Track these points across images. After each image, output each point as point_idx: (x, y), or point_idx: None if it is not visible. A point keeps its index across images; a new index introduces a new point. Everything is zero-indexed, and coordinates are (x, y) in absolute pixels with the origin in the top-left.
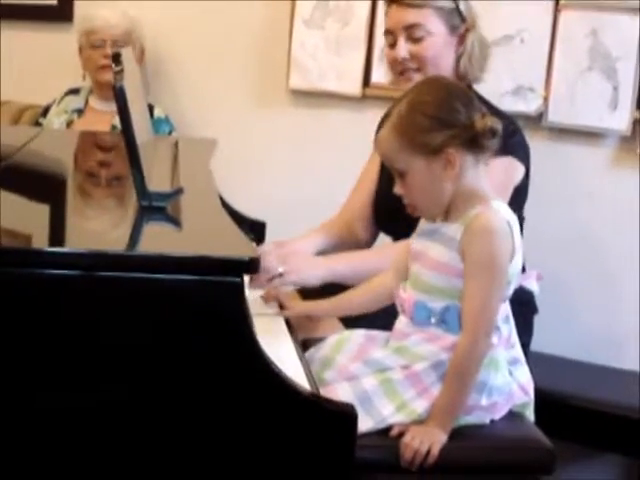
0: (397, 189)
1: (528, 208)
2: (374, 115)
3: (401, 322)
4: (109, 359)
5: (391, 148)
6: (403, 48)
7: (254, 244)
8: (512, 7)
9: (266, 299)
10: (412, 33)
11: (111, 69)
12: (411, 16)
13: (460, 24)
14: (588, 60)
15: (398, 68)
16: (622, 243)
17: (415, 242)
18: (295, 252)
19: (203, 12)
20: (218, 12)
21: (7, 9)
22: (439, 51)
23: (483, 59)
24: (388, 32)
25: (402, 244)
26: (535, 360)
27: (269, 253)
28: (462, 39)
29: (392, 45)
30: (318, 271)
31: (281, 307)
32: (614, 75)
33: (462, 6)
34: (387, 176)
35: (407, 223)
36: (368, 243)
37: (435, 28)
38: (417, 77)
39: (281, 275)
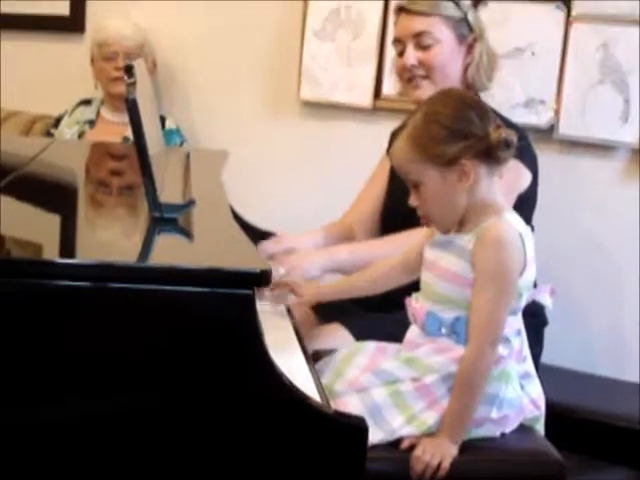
0: (412, 200)
1: (538, 220)
2: (385, 127)
3: (413, 332)
4: (120, 371)
5: (406, 159)
6: (412, 55)
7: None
8: (523, 20)
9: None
10: (421, 40)
11: (123, 81)
12: (420, 24)
13: (468, 34)
14: (599, 73)
15: (406, 75)
16: (633, 256)
17: (428, 251)
18: (292, 250)
19: (214, 24)
20: (229, 24)
21: (19, 20)
22: (447, 59)
23: (491, 69)
24: (397, 40)
25: (407, 235)
26: (545, 372)
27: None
28: (470, 49)
29: (401, 53)
30: (318, 261)
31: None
32: (625, 88)
33: (470, 16)
34: (397, 187)
35: None
36: None
37: (443, 36)
38: (425, 84)
39: (282, 277)
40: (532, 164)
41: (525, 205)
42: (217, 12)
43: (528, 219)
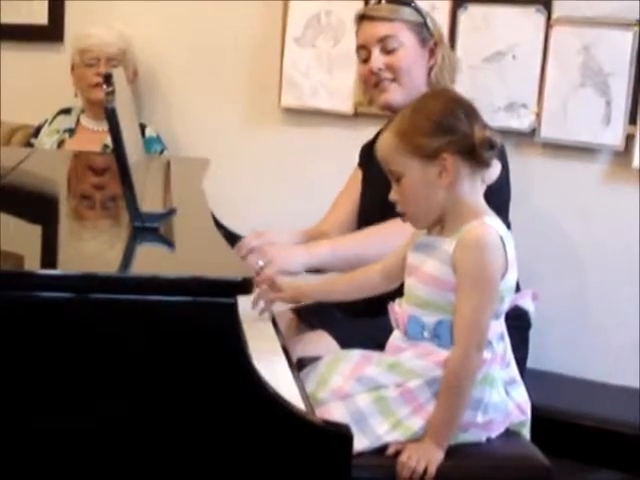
0: (392, 195)
1: (520, 224)
2: (366, 133)
3: (395, 337)
4: (102, 381)
5: (390, 149)
6: (378, 59)
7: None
8: (504, 24)
9: (254, 302)
10: (386, 45)
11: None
12: (383, 29)
13: (429, 38)
14: (580, 76)
15: (373, 80)
16: (616, 258)
17: (410, 256)
18: (272, 243)
19: (194, 31)
20: (209, 31)
21: None
22: (412, 61)
23: (453, 71)
24: (361, 47)
25: (384, 227)
26: (531, 377)
27: (247, 250)
28: (432, 52)
29: (366, 60)
30: (298, 257)
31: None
32: (607, 90)
33: (429, 21)
34: (370, 194)
35: None
36: None
37: (407, 40)
38: (393, 87)
39: (262, 269)
40: (500, 153)
41: (497, 195)
42: (197, 20)
43: (503, 211)
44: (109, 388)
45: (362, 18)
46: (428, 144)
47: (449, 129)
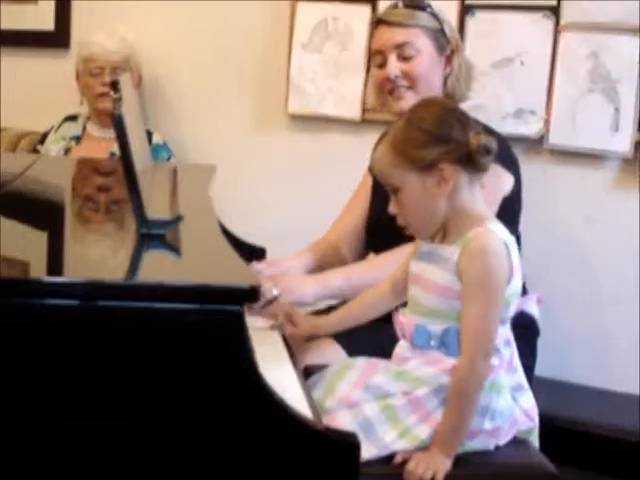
0: (391, 208)
1: (528, 230)
2: (373, 139)
3: (401, 346)
4: (109, 389)
5: (386, 163)
6: (394, 66)
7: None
8: (512, 29)
9: (272, 327)
10: (403, 51)
11: (109, 97)
12: (401, 35)
13: (446, 45)
14: (589, 82)
15: (388, 87)
16: (623, 266)
17: (413, 265)
18: (286, 272)
19: (201, 37)
20: (216, 37)
21: (3, 35)
22: (429, 69)
23: (469, 79)
24: (377, 52)
25: (396, 253)
26: (538, 384)
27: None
28: (448, 60)
29: (381, 65)
30: (312, 288)
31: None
32: (615, 97)
33: (446, 28)
34: (380, 200)
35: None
36: None
37: (424, 47)
38: (409, 95)
39: (276, 298)
40: (513, 167)
41: (510, 208)
42: (204, 25)
43: (514, 223)
44: (115, 395)
45: (379, 22)
46: (424, 156)
47: (444, 139)
